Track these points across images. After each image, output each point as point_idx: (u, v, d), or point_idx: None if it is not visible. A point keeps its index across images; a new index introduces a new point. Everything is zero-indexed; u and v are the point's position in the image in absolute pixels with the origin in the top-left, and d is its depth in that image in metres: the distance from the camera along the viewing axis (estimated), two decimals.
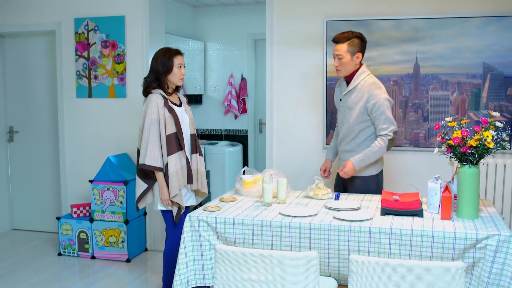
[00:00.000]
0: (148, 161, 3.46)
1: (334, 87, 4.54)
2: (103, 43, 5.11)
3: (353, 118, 3.60)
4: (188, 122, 3.67)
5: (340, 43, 3.56)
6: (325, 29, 4.52)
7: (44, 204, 5.81)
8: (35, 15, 5.38)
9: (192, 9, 7.04)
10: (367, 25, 4.41)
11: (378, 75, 4.38)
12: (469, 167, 2.83)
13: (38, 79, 5.70)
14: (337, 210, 3.11)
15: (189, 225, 3.06)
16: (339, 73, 3.66)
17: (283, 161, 4.80)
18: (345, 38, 3.56)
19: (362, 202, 3.34)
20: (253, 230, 2.94)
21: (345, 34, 3.58)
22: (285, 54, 4.68)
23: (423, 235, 2.66)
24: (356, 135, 3.64)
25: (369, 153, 3.54)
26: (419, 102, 4.37)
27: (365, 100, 3.55)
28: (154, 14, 5.09)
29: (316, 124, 4.67)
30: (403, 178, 4.42)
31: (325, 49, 4.53)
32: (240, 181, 3.64)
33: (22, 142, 5.88)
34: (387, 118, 3.51)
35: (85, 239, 4.95)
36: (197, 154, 3.71)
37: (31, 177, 5.86)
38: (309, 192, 3.50)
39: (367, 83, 3.60)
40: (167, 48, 3.64)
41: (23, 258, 4.99)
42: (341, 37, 3.57)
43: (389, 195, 3.16)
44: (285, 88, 4.73)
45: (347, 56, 3.56)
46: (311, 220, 2.88)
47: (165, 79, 3.57)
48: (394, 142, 3.59)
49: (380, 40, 4.39)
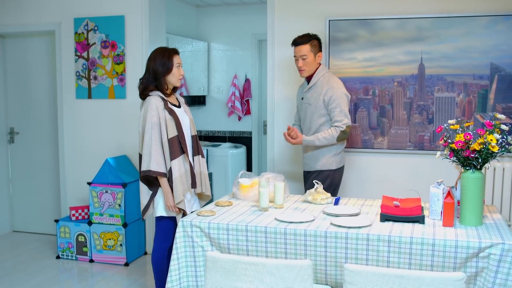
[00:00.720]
0: (153, 167, 3.34)
1: None
2: (103, 43, 5.04)
3: (313, 112, 3.84)
4: (189, 123, 3.57)
5: (303, 44, 3.79)
6: (327, 28, 4.41)
7: (45, 206, 5.75)
8: (35, 15, 5.32)
9: (196, 8, 6.96)
10: (370, 24, 4.29)
11: (382, 76, 4.27)
12: (473, 172, 2.71)
13: (39, 80, 5.65)
14: (335, 215, 3.00)
15: (181, 230, 2.96)
16: (303, 73, 3.86)
17: (284, 164, 4.69)
18: (307, 39, 3.80)
19: (362, 207, 3.22)
20: (247, 236, 2.83)
21: (305, 36, 3.82)
22: (287, 54, 4.57)
23: (423, 243, 2.54)
24: (316, 129, 3.86)
25: (320, 136, 3.77)
26: (424, 104, 4.24)
27: (323, 94, 3.79)
28: (154, 13, 5.00)
29: None
30: (406, 183, 4.29)
31: (328, 49, 4.41)
32: (237, 185, 3.54)
33: (22, 143, 5.82)
34: (342, 111, 3.75)
35: (84, 242, 4.87)
36: (199, 156, 3.61)
37: (32, 179, 5.80)
38: (308, 197, 3.40)
39: (326, 78, 3.85)
40: (164, 48, 3.53)
41: (21, 261, 4.92)
42: (303, 39, 3.80)
43: (390, 200, 3.04)
44: (287, 89, 4.63)
45: (310, 56, 3.80)
46: (307, 226, 2.77)
47: (163, 80, 3.46)
48: (346, 136, 3.81)
49: (384, 40, 4.27)
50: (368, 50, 4.31)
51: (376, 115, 4.36)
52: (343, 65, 4.39)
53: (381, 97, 4.33)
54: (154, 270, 3.54)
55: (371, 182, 4.43)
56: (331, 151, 3.90)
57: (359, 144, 4.41)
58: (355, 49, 4.35)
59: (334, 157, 3.91)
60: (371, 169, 4.43)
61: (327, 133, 3.77)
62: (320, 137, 3.78)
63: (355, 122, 4.40)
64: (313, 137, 3.80)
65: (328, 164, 3.90)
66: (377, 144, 4.38)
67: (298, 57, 3.81)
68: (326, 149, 3.89)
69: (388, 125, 4.34)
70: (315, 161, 3.94)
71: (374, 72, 4.32)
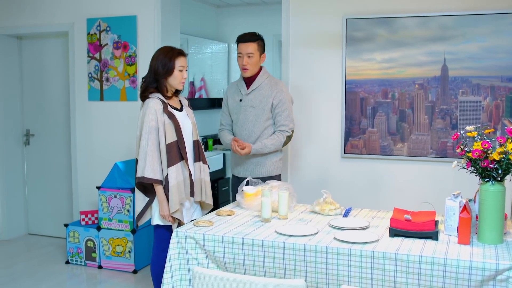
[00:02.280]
0: (147, 173, 3.17)
1: (354, 90, 4.19)
2: (115, 44, 4.92)
3: (258, 115, 3.69)
4: (191, 127, 3.37)
5: (251, 41, 3.66)
6: (344, 28, 4.17)
7: (59, 209, 5.68)
8: (49, 15, 5.25)
9: (216, 9, 6.80)
10: (390, 23, 4.03)
11: (402, 77, 4.01)
12: (492, 184, 2.43)
13: (53, 82, 5.58)
14: (340, 229, 2.76)
15: (176, 241, 2.78)
16: (246, 72, 3.70)
17: (297, 170, 4.46)
18: (254, 37, 3.68)
19: (373, 219, 2.97)
20: (243, 249, 2.63)
21: (253, 34, 3.70)
22: (302, 55, 4.36)
23: (434, 263, 2.29)
24: (260, 133, 3.72)
25: (268, 143, 3.67)
26: (447, 108, 3.95)
27: (272, 97, 3.67)
28: (167, 13, 4.85)
29: (334, 130, 4.31)
30: (427, 193, 4.00)
31: (344, 49, 4.17)
32: (242, 193, 3.33)
33: (38, 145, 5.77)
34: (289, 116, 3.71)
35: (93, 248, 4.75)
36: (201, 162, 3.40)
37: (47, 181, 5.74)
38: (315, 207, 3.17)
39: (273, 82, 3.74)
40: (169, 48, 3.35)
41: (31, 265, 4.84)
42: (251, 37, 3.67)
43: (401, 213, 2.78)
44: (301, 91, 4.40)
45: (256, 55, 3.67)
46: (308, 240, 2.55)
47: (164, 81, 3.28)
48: (290, 140, 3.78)
49: (405, 40, 4.00)
50: (388, 50, 4.05)
51: (396, 120, 4.09)
52: (361, 66, 4.14)
53: (401, 100, 4.06)
54: (154, 282, 3.37)
55: (389, 192, 4.17)
56: (276, 156, 3.81)
57: (377, 150, 4.15)
58: (373, 50, 4.09)
59: (279, 162, 3.83)
60: (389, 177, 4.16)
61: (274, 139, 3.69)
62: (268, 144, 3.69)
63: (373, 127, 4.15)
64: (261, 144, 3.69)
65: (276, 169, 3.81)
66: (397, 151, 4.11)
67: (243, 55, 3.67)
68: (272, 154, 3.78)
69: (409, 131, 4.06)
70: (260, 167, 3.77)
71: (394, 73, 4.06)
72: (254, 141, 3.74)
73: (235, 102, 3.84)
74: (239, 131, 3.81)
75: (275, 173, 3.78)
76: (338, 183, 4.31)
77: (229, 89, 3.96)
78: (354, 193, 4.27)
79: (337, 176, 4.30)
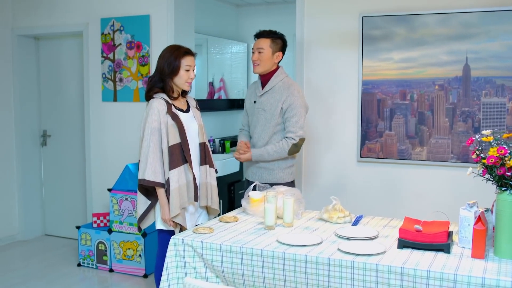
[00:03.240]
0: (148, 176, 3.06)
1: (370, 91, 4.00)
2: (128, 44, 4.84)
3: (268, 119, 3.52)
4: (197, 129, 3.24)
5: (263, 37, 3.54)
6: (360, 26, 3.98)
7: (74, 210, 5.64)
8: (64, 15, 5.21)
9: (235, 8, 6.67)
10: (409, 21, 3.83)
11: (421, 78, 3.81)
12: (510, 194, 2.23)
13: (69, 82, 5.55)
14: (347, 239, 2.59)
15: (173, 248, 2.66)
16: (256, 68, 3.58)
17: (312, 174, 4.30)
18: (270, 34, 3.55)
19: (384, 229, 2.79)
20: (242, 259, 2.49)
21: (269, 31, 3.57)
22: (317, 55, 4.19)
23: (443, 279, 2.10)
24: (269, 138, 3.54)
25: (270, 150, 3.49)
26: (469, 110, 3.73)
27: (282, 101, 3.47)
28: (180, 12, 4.75)
29: (350, 133, 4.13)
30: (447, 200, 3.79)
31: (361, 48, 3.99)
32: (247, 198, 3.19)
33: (54, 146, 5.75)
34: (298, 122, 3.46)
35: (104, 251, 4.68)
36: (207, 166, 3.26)
37: (63, 182, 5.71)
38: (323, 214, 3.00)
39: (286, 84, 3.53)
40: (176, 46, 3.23)
41: (43, 267, 4.80)
42: (265, 32, 3.56)
43: (412, 223, 2.59)
44: (316, 92, 4.24)
45: (268, 52, 3.52)
46: (309, 251, 2.39)
47: (169, 81, 3.16)
48: (298, 149, 3.52)
49: (424, 38, 3.80)
50: (406, 49, 3.85)
51: (414, 123, 3.89)
52: (378, 67, 3.95)
53: (420, 102, 3.86)
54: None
55: (407, 198, 3.96)
56: (286, 162, 3.59)
57: (394, 154, 3.96)
58: (391, 49, 3.90)
59: (288, 169, 3.61)
60: (407, 183, 3.96)
61: (277, 146, 3.48)
62: (270, 151, 3.49)
63: (390, 130, 3.95)
64: (262, 150, 3.51)
65: (285, 176, 3.60)
66: (415, 155, 3.90)
67: (255, 50, 3.57)
68: (281, 161, 3.58)
69: (428, 134, 3.85)
70: (268, 173, 3.59)
71: (413, 74, 3.86)
72: (263, 146, 3.57)
73: (250, 104, 3.71)
74: (252, 134, 3.69)
75: (283, 181, 3.57)
76: (354, 188, 4.13)
77: (249, 88, 3.85)
78: (370, 199, 4.08)
79: (352, 181, 4.12)
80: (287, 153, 3.48)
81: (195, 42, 6.19)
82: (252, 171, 3.67)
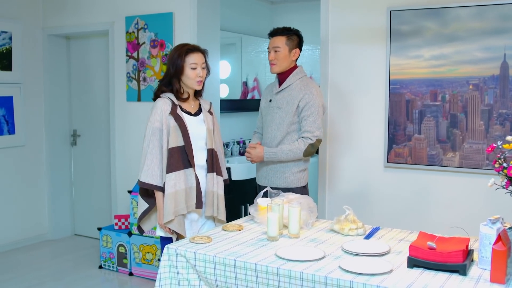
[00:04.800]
0: (144, 177, 2.93)
1: (398, 91, 3.71)
2: (152, 43, 4.73)
3: (283, 118, 3.33)
4: (205, 134, 3.04)
5: (278, 35, 3.38)
6: (388, 21, 3.69)
7: (101, 210, 5.60)
8: (91, 14, 5.17)
9: (270, 5, 6.46)
10: (441, 14, 3.51)
11: (453, 77, 3.49)
12: None
13: (97, 81, 5.51)
14: (353, 254, 2.35)
15: (166, 258, 2.50)
16: (274, 68, 3.41)
17: (335, 180, 4.04)
18: (284, 31, 3.38)
19: (399, 243, 2.52)
20: (236, 272, 2.29)
21: (284, 28, 3.40)
22: (342, 52, 3.94)
23: None
24: (282, 138, 3.34)
25: (285, 149, 3.28)
26: (507, 112, 3.37)
27: (299, 99, 3.29)
28: (204, 9, 4.59)
29: (376, 137, 3.85)
30: (481, 210, 3.44)
31: (388, 45, 3.70)
32: (255, 205, 2.99)
33: (83, 146, 5.73)
34: (315, 122, 3.28)
35: (124, 254, 4.59)
36: (214, 173, 3.06)
37: (92, 182, 5.69)
38: (335, 225, 2.76)
39: (304, 82, 3.36)
40: (181, 44, 3.06)
41: (64, 268, 4.77)
42: (280, 30, 3.39)
43: (426, 238, 2.31)
44: (341, 92, 3.98)
45: (284, 50, 3.35)
46: (307, 267, 2.16)
47: (177, 81, 3.00)
48: (314, 151, 3.33)
49: (457, 33, 3.47)
50: (438, 45, 3.54)
51: (446, 126, 3.57)
52: (406, 65, 3.65)
53: (452, 103, 3.53)
54: None
55: (437, 208, 3.64)
56: (297, 166, 3.36)
57: (424, 160, 3.64)
58: (421, 45, 3.59)
59: (300, 173, 3.38)
60: (437, 191, 3.64)
61: (292, 146, 3.28)
62: (285, 150, 3.28)
63: (420, 134, 3.64)
64: (276, 149, 3.31)
65: (296, 180, 3.37)
66: (447, 161, 3.58)
67: (270, 49, 3.40)
68: (292, 164, 3.35)
69: (461, 138, 3.52)
70: (278, 177, 3.36)
71: (445, 72, 3.54)
72: (276, 147, 3.36)
73: (266, 102, 3.52)
74: (264, 135, 3.48)
75: (294, 185, 3.35)
76: (379, 195, 3.84)
77: (265, 89, 3.67)
78: (397, 208, 3.78)
79: (378, 188, 3.84)
80: (302, 153, 3.27)
81: (229, 41, 6.05)
82: (262, 174, 3.47)
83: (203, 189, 3.04)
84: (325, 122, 3.99)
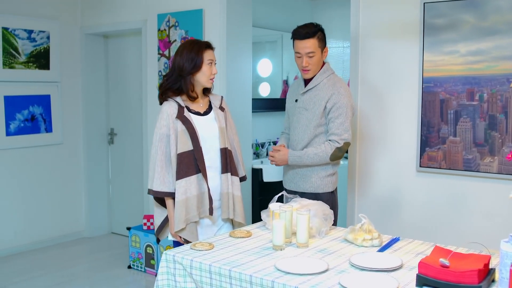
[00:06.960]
0: (156, 186, 2.83)
1: (432, 90, 3.44)
2: (182, 40, 4.64)
3: (310, 120, 3.12)
4: (217, 133, 2.91)
5: (309, 37, 3.03)
6: (422, 14, 3.43)
7: (135, 209, 5.59)
8: (126, 13, 5.17)
9: (310, 1, 6.25)
10: (478, 6, 3.22)
11: (492, 74, 3.20)
12: None
13: (133, 80, 5.51)
14: (360, 268, 2.14)
15: (164, 265, 2.40)
16: (308, 74, 3.12)
17: (364, 185, 3.80)
18: (313, 32, 3.04)
19: (416, 257, 2.29)
20: (231, 284, 2.15)
21: (310, 27, 3.06)
22: (372, 48, 3.70)
23: None
24: (309, 141, 3.13)
25: (311, 153, 3.07)
26: None
27: (326, 99, 3.06)
28: (235, 6, 4.45)
29: (408, 139, 3.58)
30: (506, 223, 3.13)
31: (422, 40, 3.44)
32: (268, 211, 2.82)
33: (120, 144, 5.75)
34: (343, 124, 3.05)
35: (151, 254, 4.54)
36: (228, 174, 2.93)
37: (128, 181, 5.70)
38: (348, 235, 2.56)
39: (332, 81, 3.11)
40: (194, 40, 2.95)
41: (94, 266, 4.78)
42: (309, 31, 3.03)
43: (441, 254, 2.07)
44: (371, 90, 3.74)
45: (318, 53, 3.07)
46: (303, 281, 1.99)
47: (190, 79, 2.88)
48: (342, 154, 3.11)
49: (497, 26, 3.17)
50: (475, 40, 3.25)
51: (484, 127, 3.27)
52: (441, 61, 3.38)
53: (491, 103, 3.23)
54: None
55: (473, 217, 3.35)
56: (325, 170, 3.13)
57: (459, 165, 3.36)
58: (457, 40, 3.31)
59: (328, 178, 3.16)
60: (473, 199, 3.34)
61: (318, 149, 3.06)
62: (311, 153, 3.07)
63: (455, 136, 3.36)
64: (301, 152, 3.10)
65: (324, 185, 3.15)
66: (484, 166, 3.28)
67: (302, 55, 3.05)
68: (320, 168, 3.12)
69: (500, 142, 3.22)
70: (305, 181, 3.15)
71: (483, 69, 3.24)
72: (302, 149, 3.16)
73: (292, 103, 3.31)
74: (291, 137, 3.27)
75: (321, 190, 3.13)
76: (411, 201, 3.58)
77: (290, 86, 3.45)
78: (428, 216, 3.51)
79: (410, 194, 3.58)
80: (329, 157, 3.05)
81: (270, 38, 5.90)
82: (289, 178, 3.28)
83: (217, 191, 2.92)
84: (355, 123, 3.77)
